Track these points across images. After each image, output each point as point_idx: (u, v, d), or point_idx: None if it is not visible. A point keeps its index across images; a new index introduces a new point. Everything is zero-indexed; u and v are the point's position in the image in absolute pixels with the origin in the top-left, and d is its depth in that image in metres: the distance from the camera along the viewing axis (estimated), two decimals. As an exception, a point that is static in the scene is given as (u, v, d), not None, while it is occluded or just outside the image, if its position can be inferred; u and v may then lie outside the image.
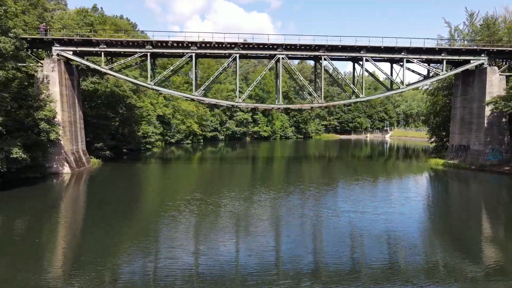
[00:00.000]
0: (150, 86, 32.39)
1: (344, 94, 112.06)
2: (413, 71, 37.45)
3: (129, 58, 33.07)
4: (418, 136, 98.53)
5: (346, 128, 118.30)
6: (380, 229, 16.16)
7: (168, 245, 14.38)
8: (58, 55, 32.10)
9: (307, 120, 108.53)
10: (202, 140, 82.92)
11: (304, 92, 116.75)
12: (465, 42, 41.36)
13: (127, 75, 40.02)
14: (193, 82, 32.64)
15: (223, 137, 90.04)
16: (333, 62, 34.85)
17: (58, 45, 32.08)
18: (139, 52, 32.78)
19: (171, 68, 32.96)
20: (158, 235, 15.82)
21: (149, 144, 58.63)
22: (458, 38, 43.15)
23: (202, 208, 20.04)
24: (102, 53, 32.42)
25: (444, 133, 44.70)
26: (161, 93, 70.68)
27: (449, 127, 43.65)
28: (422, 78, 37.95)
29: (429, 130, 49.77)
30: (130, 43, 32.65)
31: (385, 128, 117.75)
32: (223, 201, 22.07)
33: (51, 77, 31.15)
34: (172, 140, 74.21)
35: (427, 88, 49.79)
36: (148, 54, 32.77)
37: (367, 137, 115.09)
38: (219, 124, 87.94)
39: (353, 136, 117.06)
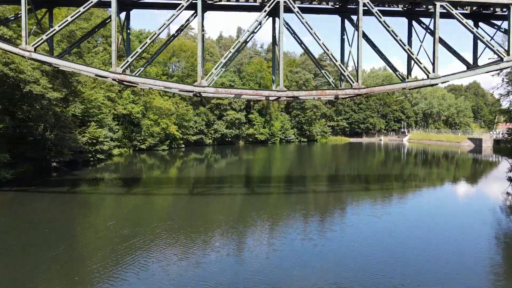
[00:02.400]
0: (22, 53, 16.40)
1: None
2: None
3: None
4: (445, 140, 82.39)
5: (356, 130, 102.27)
6: None
7: None
8: None
9: (311, 120, 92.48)
10: (183, 145, 66.89)
11: (311, 82, 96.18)
12: None
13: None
14: (113, 52, 16.60)
15: (210, 141, 73.90)
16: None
17: None
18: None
19: (69, 20, 16.80)
20: None
21: (100, 152, 42.58)
22: None
23: None
24: None
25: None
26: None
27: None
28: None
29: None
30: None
31: (402, 129, 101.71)
32: None
33: None
34: (143, 146, 58.22)
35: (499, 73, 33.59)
36: (25, -7, 16.80)
37: (381, 140, 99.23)
38: (205, 126, 71.81)
39: (364, 139, 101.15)
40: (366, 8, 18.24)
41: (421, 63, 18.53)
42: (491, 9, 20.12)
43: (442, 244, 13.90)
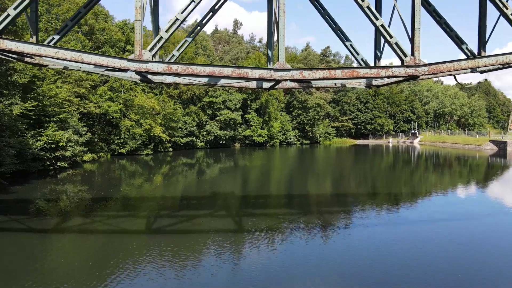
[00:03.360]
0: None
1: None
2: None
3: None
4: (462, 142, 74.65)
5: (362, 131, 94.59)
6: None
7: None
8: None
9: (314, 121, 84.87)
10: (171, 149, 59.26)
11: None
12: None
13: None
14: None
15: (202, 143, 66.27)
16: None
17: None
18: None
19: None
20: None
21: (62, 160, 34.92)
22: None
23: None
24: None
25: None
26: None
27: None
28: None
29: None
30: None
31: (413, 131, 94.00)
32: None
33: None
34: (123, 150, 50.66)
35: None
36: None
37: (389, 142, 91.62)
38: (196, 127, 64.16)
39: (371, 141, 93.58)
40: None
41: None
42: None
43: None
